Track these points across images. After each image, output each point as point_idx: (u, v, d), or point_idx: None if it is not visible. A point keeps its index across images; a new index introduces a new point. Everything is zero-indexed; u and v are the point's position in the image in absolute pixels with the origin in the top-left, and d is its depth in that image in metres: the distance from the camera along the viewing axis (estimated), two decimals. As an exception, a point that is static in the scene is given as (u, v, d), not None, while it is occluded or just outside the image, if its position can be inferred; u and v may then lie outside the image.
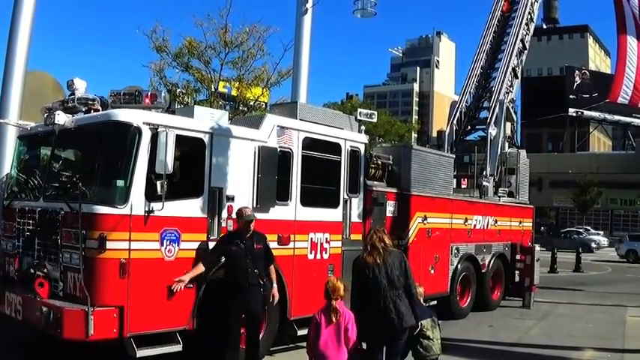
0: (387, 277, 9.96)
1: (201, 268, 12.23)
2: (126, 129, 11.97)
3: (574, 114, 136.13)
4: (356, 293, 10.21)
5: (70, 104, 13.46)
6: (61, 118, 12.87)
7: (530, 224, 26.02)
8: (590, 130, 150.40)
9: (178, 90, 33.13)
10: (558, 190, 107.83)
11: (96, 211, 11.42)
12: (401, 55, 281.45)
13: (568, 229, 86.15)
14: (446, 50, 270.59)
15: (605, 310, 24.26)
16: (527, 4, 31.18)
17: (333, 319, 9.95)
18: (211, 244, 12.68)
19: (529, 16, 31.33)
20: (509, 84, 28.36)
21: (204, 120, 13.52)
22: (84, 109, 13.43)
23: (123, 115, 12.18)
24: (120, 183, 11.82)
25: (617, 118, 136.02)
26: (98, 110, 13.32)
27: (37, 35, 18.73)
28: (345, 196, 16.00)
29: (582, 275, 41.75)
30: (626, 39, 18.58)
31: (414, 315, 10.12)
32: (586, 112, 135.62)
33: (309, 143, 15.20)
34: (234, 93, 34.63)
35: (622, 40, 18.75)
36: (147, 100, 13.14)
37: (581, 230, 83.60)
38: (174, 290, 12.04)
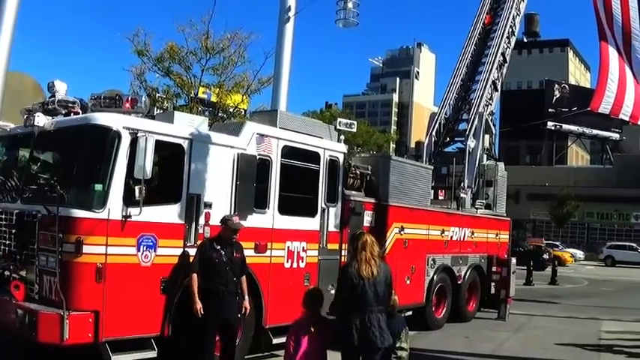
0: (375, 291, 9.79)
1: (195, 278, 12.13)
2: (105, 133, 11.97)
3: (553, 127, 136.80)
4: (341, 303, 10.00)
5: (50, 106, 13.43)
6: (41, 120, 12.84)
7: (507, 236, 26.09)
8: (569, 143, 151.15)
9: (158, 95, 33.01)
10: (535, 203, 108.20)
11: (73, 215, 11.41)
12: (381, 65, 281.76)
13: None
14: (426, 61, 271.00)
15: (581, 322, 24.37)
16: (509, 18, 31.35)
17: (312, 329, 9.95)
18: (191, 251, 12.64)
19: (510, 30, 31.52)
20: (488, 97, 28.48)
21: (183, 126, 13.51)
22: (64, 112, 13.42)
23: (103, 118, 12.18)
24: (98, 187, 11.79)
25: (595, 132, 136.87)
26: (78, 113, 13.32)
27: (18, 36, 18.67)
28: (323, 206, 16.03)
29: (558, 288, 41.98)
30: (607, 46, 18.67)
31: (391, 332, 10.08)
32: (565, 126, 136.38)
33: (289, 152, 15.22)
34: (213, 99, 34.62)
35: (603, 48, 18.82)
36: (127, 105, 13.14)
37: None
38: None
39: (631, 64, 18.42)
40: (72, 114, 13.36)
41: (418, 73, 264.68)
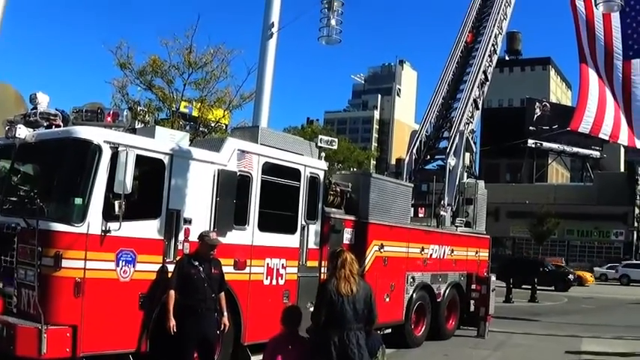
0: (354, 309, 9.78)
1: (172, 295, 12.12)
2: (86, 146, 11.97)
3: (533, 145, 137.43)
4: (318, 320, 9.93)
5: (31, 118, 13.37)
6: (22, 132, 12.84)
7: (487, 254, 26.14)
8: (549, 161, 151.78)
9: (140, 108, 33.03)
10: (515, 221, 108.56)
11: (52, 229, 11.39)
12: (363, 82, 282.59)
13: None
14: (408, 79, 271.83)
15: (560, 340, 24.40)
16: (491, 37, 31.43)
17: (290, 347, 9.95)
18: (170, 267, 12.62)
19: (492, 48, 31.59)
20: (469, 115, 28.56)
21: (164, 141, 13.51)
22: (45, 124, 13.38)
23: (84, 132, 12.18)
24: (78, 201, 11.76)
25: (575, 150, 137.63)
26: (59, 126, 13.32)
27: (0, 47, 18.63)
28: (303, 223, 16.03)
29: (538, 305, 42.03)
30: (587, 69, 18.83)
31: (368, 350, 10.07)
32: (545, 144, 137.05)
33: (269, 168, 15.23)
34: (195, 113, 34.67)
35: (583, 70, 18.99)
36: (108, 119, 13.15)
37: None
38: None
39: (612, 84, 18.58)
40: (53, 126, 13.33)
41: (400, 90, 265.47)
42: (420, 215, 24.79)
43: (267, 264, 15.11)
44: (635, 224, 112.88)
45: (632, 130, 18.65)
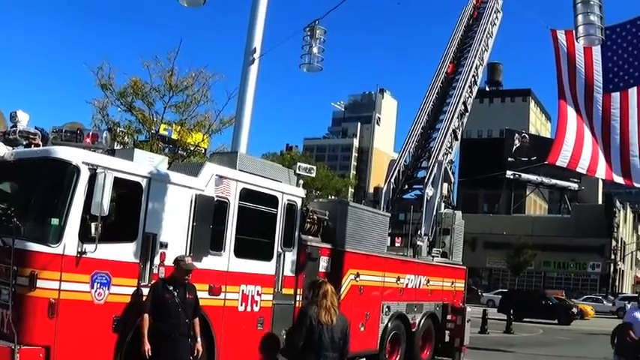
0: (332, 338, 9.91)
1: (146, 319, 12.10)
2: (64, 167, 11.96)
3: (511, 176, 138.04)
4: (293, 341, 10.08)
5: (11, 136, 13.39)
6: (1, 150, 12.84)
7: (463, 285, 26.16)
8: (527, 192, 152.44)
9: (119, 129, 32.98)
10: (492, 251, 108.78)
11: (28, 248, 11.34)
12: (343, 109, 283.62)
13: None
14: (388, 107, 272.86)
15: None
16: (471, 68, 31.57)
17: None
18: (144, 291, 12.58)
19: (473, 79, 31.72)
20: (448, 145, 28.64)
21: (143, 164, 13.50)
22: (25, 143, 13.41)
23: (62, 152, 12.18)
24: (54, 221, 11.74)
25: (554, 181, 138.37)
26: (39, 145, 13.35)
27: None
28: (280, 250, 16.03)
29: (513, 337, 42.02)
30: (565, 105, 18.94)
31: None
32: (523, 175, 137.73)
33: (247, 194, 15.23)
34: (174, 136, 34.64)
35: (562, 105, 19.11)
36: (88, 140, 13.17)
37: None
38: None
39: (591, 118, 18.68)
40: (33, 145, 13.36)
41: (379, 118, 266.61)
42: (397, 245, 24.77)
43: (243, 290, 15.07)
44: (612, 256, 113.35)
45: (610, 164, 18.74)
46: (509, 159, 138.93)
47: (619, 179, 18.75)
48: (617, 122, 18.36)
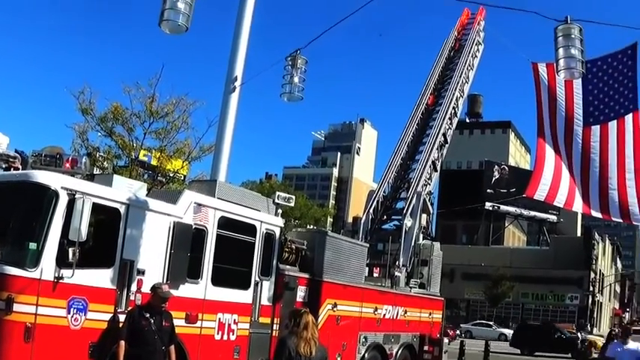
0: None
1: (122, 345, 12.04)
2: (43, 191, 11.95)
3: (490, 208, 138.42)
4: None
5: (-10, 159, 13.37)
6: (-20, 173, 12.79)
7: (440, 316, 26.15)
8: (506, 224, 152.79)
9: (99, 154, 32.94)
10: (470, 283, 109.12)
11: (6, 272, 11.26)
12: (323, 138, 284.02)
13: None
14: (368, 137, 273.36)
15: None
16: (452, 99, 31.70)
17: None
18: (121, 317, 12.52)
19: (453, 111, 31.86)
20: (427, 176, 28.71)
21: (122, 190, 13.51)
22: (4, 166, 13.44)
23: (42, 177, 12.17)
24: (32, 246, 11.69)
25: (533, 213, 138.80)
26: (18, 168, 13.37)
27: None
28: (257, 279, 16.00)
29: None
30: (544, 144, 19.00)
31: None
32: (502, 207, 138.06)
33: (225, 223, 15.23)
34: (154, 163, 34.59)
35: (540, 143, 19.19)
36: (67, 165, 13.18)
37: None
38: None
39: (570, 152, 18.74)
40: (12, 169, 13.38)
41: (359, 148, 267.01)
42: (375, 275, 24.77)
43: (219, 319, 15.03)
44: (591, 288, 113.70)
45: (589, 198, 18.79)
46: (489, 190, 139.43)
47: (597, 214, 18.80)
48: (596, 155, 18.42)
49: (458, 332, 66.88)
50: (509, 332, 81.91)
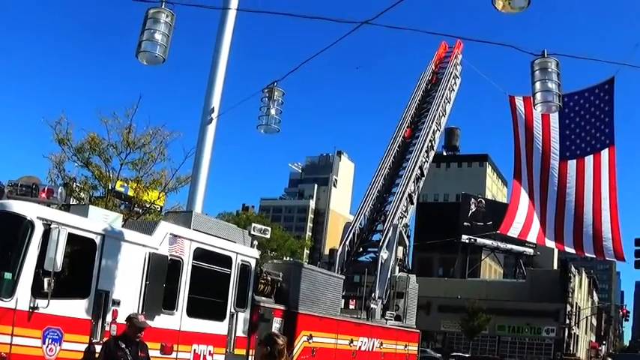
0: None
1: None
2: (19, 221, 11.96)
3: (467, 241, 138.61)
4: None
5: (-34, 189, 13.35)
6: (-44, 202, 12.75)
7: (416, 348, 26.18)
8: (482, 257, 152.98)
9: (76, 184, 32.81)
10: (446, 315, 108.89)
11: (-19, 302, 11.20)
12: (300, 170, 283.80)
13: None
14: (345, 170, 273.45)
15: None
16: (429, 133, 31.90)
17: None
18: (97, 348, 12.45)
19: (430, 144, 32.06)
20: (404, 209, 28.82)
21: (97, 221, 13.52)
22: (-20, 196, 13.34)
23: (17, 207, 12.19)
24: (7, 275, 11.68)
25: (509, 246, 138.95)
26: (-6, 198, 13.25)
27: None
28: (232, 310, 16.01)
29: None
30: (519, 187, 19.12)
31: None
32: (479, 240, 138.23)
33: (201, 254, 15.26)
34: (130, 193, 34.48)
35: (515, 184, 19.32)
36: (43, 195, 13.17)
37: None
38: None
39: (546, 189, 18.83)
40: (-13, 199, 13.28)
41: (336, 180, 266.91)
42: (351, 307, 24.83)
43: (195, 350, 15.01)
44: (567, 321, 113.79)
45: (562, 234, 18.85)
46: (465, 223, 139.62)
47: (570, 249, 18.88)
48: (572, 190, 18.51)
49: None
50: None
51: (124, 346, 12.14)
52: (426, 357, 55.38)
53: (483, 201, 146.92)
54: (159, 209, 35.46)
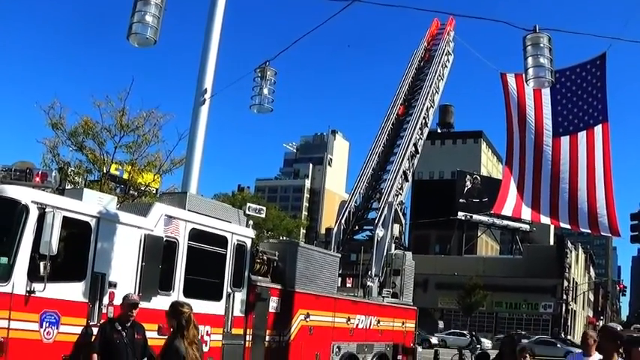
0: None
1: (95, 358, 12.03)
2: (13, 206, 11.94)
3: (463, 217, 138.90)
4: None
5: (-40, 174, 13.35)
6: (-50, 188, 12.74)
7: (413, 325, 26.21)
8: (479, 233, 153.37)
9: (70, 169, 32.81)
10: (444, 292, 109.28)
11: (-23, 287, 11.22)
12: (295, 150, 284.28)
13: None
14: (339, 149, 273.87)
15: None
16: (422, 109, 31.79)
17: None
18: (94, 330, 12.53)
19: (423, 121, 31.94)
20: (399, 186, 28.77)
21: (92, 203, 13.50)
22: (-26, 182, 13.33)
23: (11, 191, 12.17)
24: (3, 260, 11.70)
25: (505, 223, 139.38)
26: (-12, 184, 13.23)
27: None
28: (229, 290, 16.02)
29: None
30: (509, 174, 19.12)
31: None
32: (475, 216, 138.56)
33: (196, 234, 15.27)
34: (125, 176, 34.53)
35: (506, 173, 19.35)
36: (37, 179, 13.19)
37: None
38: None
39: (540, 166, 18.80)
40: (-18, 184, 13.26)
41: (331, 159, 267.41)
42: (348, 285, 24.81)
43: (192, 330, 14.98)
44: (564, 297, 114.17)
45: (557, 210, 18.82)
46: (461, 200, 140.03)
47: (565, 225, 18.88)
48: (566, 167, 18.46)
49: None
50: (485, 341, 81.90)
51: (120, 328, 12.18)
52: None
53: (479, 177, 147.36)
54: (154, 191, 35.49)
